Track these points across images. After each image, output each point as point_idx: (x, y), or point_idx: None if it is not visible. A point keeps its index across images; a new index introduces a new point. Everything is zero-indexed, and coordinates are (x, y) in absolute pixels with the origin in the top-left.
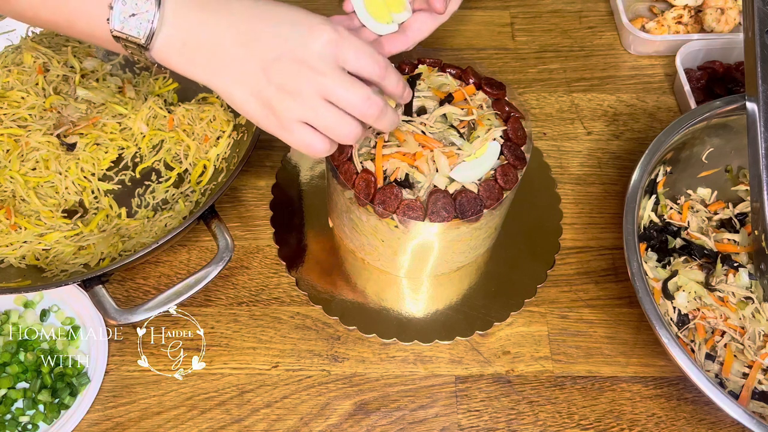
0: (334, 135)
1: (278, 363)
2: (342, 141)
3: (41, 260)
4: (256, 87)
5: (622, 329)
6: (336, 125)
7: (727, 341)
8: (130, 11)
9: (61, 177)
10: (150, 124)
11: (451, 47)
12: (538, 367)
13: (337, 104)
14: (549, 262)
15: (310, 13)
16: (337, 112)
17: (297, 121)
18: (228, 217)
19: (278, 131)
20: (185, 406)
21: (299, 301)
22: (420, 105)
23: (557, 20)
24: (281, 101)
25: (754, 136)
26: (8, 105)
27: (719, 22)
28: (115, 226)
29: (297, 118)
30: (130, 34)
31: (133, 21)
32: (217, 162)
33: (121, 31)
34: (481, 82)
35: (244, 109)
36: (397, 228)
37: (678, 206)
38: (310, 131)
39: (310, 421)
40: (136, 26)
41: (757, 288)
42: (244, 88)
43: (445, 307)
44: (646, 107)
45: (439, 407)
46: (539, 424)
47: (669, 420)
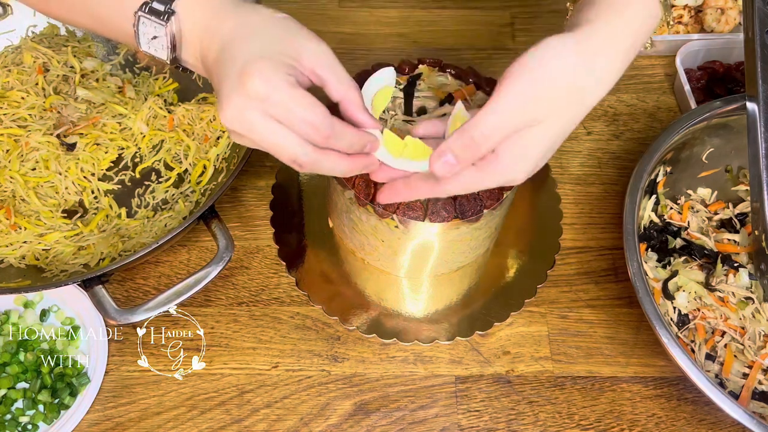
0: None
1: (278, 363)
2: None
3: (41, 260)
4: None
5: (623, 329)
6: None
7: (727, 341)
8: (151, 34)
9: (61, 177)
10: (150, 124)
11: (451, 47)
12: (538, 368)
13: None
14: (549, 262)
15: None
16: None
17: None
18: (228, 217)
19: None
20: (185, 407)
21: (299, 301)
22: (420, 105)
23: (557, 20)
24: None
25: (754, 136)
26: (8, 105)
27: (719, 22)
28: (115, 226)
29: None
30: (155, 55)
31: (155, 43)
32: (217, 162)
33: (148, 52)
34: (482, 82)
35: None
36: (397, 228)
37: (678, 206)
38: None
39: (310, 421)
40: (159, 48)
41: (757, 288)
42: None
43: (445, 307)
44: (646, 107)
45: (439, 407)
46: (539, 424)
47: (669, 420)
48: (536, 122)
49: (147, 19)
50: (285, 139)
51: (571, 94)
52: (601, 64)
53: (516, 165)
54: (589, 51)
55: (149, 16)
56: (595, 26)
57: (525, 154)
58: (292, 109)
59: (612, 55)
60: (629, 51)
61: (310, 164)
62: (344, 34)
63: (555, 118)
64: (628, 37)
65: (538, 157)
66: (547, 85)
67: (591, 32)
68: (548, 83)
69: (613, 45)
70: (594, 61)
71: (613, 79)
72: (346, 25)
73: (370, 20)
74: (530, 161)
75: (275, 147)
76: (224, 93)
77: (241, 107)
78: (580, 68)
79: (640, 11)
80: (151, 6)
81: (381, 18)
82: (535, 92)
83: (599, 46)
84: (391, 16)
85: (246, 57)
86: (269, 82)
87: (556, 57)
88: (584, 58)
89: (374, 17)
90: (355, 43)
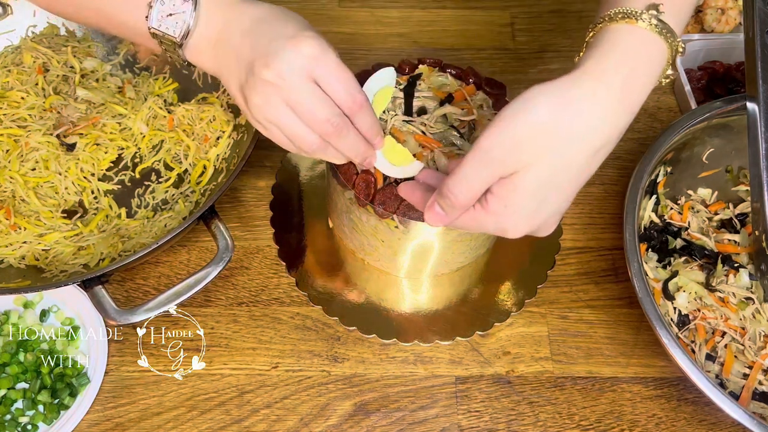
0: (295, 142)
1: (278, 363)
2: (302, 150)
3: (41, 260)
4: (240, 82)
5: (623, 330)
6: (295, 134)
7: (727, 342)
8: (168, 11)
9: (61, 177)
10: (150, 124)
11: (451, 47)
12: (538, 368)
13: (299, 116)
14: (549, 262)
15: (308, 26)
16: (298, 122)
17: (266, 120)
18: (228, 217)
19: (256, 125)
20: (185, 407)
21: (299, 301)
22: (420, 105)
23: (557, 20)
24: (252, 99)
25: (755, 137)
26: (8, 105)
27: (719, 22)
28: (114, 227)
29: (265, 119)
30: (166, 33)
31: (170, 20)
32: (217, 162)
33: (158, 29)
34: (482, 82)
35: (234, 99)
36: (397, 228)
37: (678, 206)
38: (279, 132)
39: (310, 421)
40: (173, 25)
41: (757, 288)
42: (235, 82)
43: (445, 308)
44: (647, 107)
45: (440, 408)
46: (539, 424)
47: (669, 420)
48: (515, 171)
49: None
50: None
51: (548, 139)
52: (580, 107)
53: (504, 211)
54: (565, 96)
55: None
56: (578, 71)
57: (510, 201)
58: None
59: (596, 97)
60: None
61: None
62: (344, 34)
63: (534, 165)
64: (614, 77)
65: (526, 206)
66: (519, 134)
67: (571, 78)
68: (520, 132)
69: (595, 87)
70: (571, 106)
71: (604, 122)
72: (346, 25)
73: (370, 20)
74: (518, 209)
75: (306, 112)
76: (271, 50)
77: (291, 62)
78: (553, 114)
79: (631, 48)
80: None
81: (381, 18)
82: (506, 143)
83: (577, 90)
84: (391, 16)
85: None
86: (323, 47)
87: (529, 107)
88: (559, 103)
89: (374, 17)
90: (355, 43)
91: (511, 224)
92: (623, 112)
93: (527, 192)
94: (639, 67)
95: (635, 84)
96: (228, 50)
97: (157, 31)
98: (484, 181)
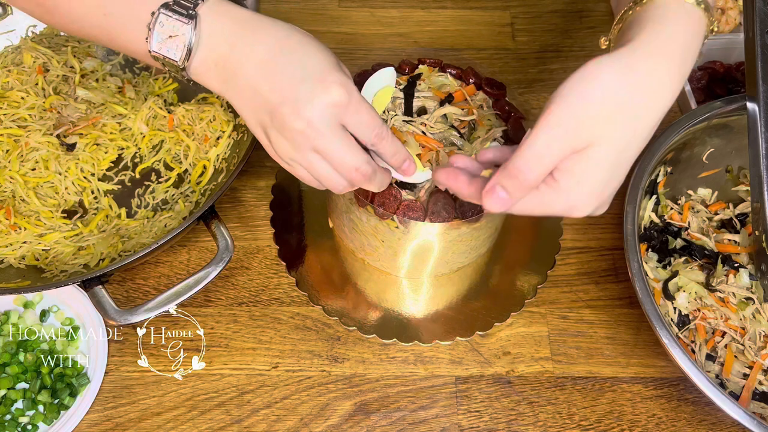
0: (323, 183)
1: (278, 363)
2: (332, 190)
3: (41, 261)
4: (261, 120)
5: (623, 330)
6: (325, 178)
7: (727, 342)
8: (168, 33)
9: (61, 177)
10: (150, 125)
11: (451, 47)
12: (538, 368)
13: (329, 163)
14: (549, 262)
15: (332, 63)
16: (327, 167)
17: (292, 160)
18: (228, 217)
19: (278, 161)
20: (185, 407)
21: (299, 301)
22: (420, 105)
23: (557, 20)
24: (279, 142)
25: (755, 137)
26: (8, 105)
27: (719, 22)
28: (114, 227)
29: (292, 159)
30: (167, 56)
31: (171, 43)
32: (217, 162)
33: (158, 52)
34: (482, 82)
35: (253, 132)
36: (397, 228)
37: (678, 206)
38: (304, 171)
39: (310, 421)
40: (174, 48)
41: (757, 288)
42: (253, 117)
43: (445, 308)
44: None
45: (440, 408)
46: (539, 424)
47: (669, 420)
48: (589, 144)
49: (168, 16)
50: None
51: (620, 112)
52: (647, 79)
53: (576, 187)
54: (632, 68)
55: (171, 14)
56: (635, 44)
57: (584, 175)
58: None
59: (659, 69)
60: (678, 61)
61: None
62: (344, 34)
63: (608, 137)
64: (674, 49)
65: (600, 180)
66: (590, 107)
67: (631, 50)
68: (591, 104)
69: (657, 59)
70: (638, 77)
71: (666, 93)
72: (346, 25)
73: (370, 20)
74: (592, 184)
75: (336, 159)
76: (301, 97)
77: (322, 111)
78: (623, 85)
79: (681, 22)
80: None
81: (381, 18)
82: (578, 115)
83: (642, 63)
84: (391, 16)
85: (319, 65)
86: (349, 89)
87: (595, 79)
88: (626, 75)
89: (374, 17)
90: (355, 43)
91: (582, 201)
92: (680, 84)
93: (601, 166)
94: (690, 41)
95: (689, 57)
96: (241, 81)
97: (158, 54)
98: (556, 156)
